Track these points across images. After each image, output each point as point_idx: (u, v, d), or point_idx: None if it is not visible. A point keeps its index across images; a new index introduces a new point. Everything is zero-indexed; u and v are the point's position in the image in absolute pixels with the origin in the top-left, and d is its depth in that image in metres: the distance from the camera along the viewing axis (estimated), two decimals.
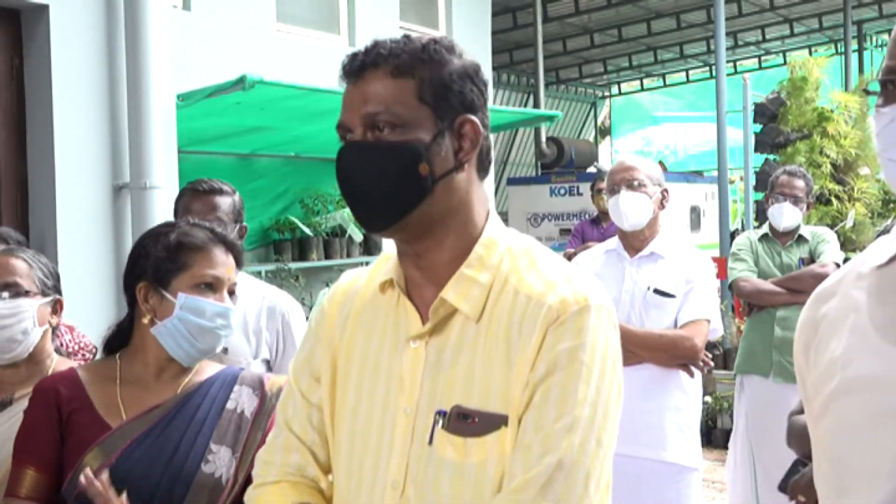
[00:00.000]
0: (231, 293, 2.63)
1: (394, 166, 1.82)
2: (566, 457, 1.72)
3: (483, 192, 1.96)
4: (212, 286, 2.59)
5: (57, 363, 3.00)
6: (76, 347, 3.75)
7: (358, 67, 1.86)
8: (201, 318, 2.56)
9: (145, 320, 2.61)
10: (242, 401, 2.58)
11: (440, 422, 1.82)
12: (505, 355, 1.81)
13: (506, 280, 1.88)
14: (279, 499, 1.97)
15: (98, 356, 2.91)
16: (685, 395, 4.32)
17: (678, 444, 4.28)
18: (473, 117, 1.88)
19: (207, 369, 2.66)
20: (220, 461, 2.48)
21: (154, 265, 2.60)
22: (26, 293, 2.90)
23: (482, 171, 1.95)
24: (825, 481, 1.69)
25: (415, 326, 1.90)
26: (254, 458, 2.36)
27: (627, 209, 4.36)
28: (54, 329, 3.07)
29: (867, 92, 1.72)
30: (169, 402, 2.55)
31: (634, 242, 4.45)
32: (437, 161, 1.84)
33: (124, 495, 2.35)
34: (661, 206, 4.42)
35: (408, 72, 1.83)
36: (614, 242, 4.56)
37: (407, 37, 1.89)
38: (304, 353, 2.09)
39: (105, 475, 2.37)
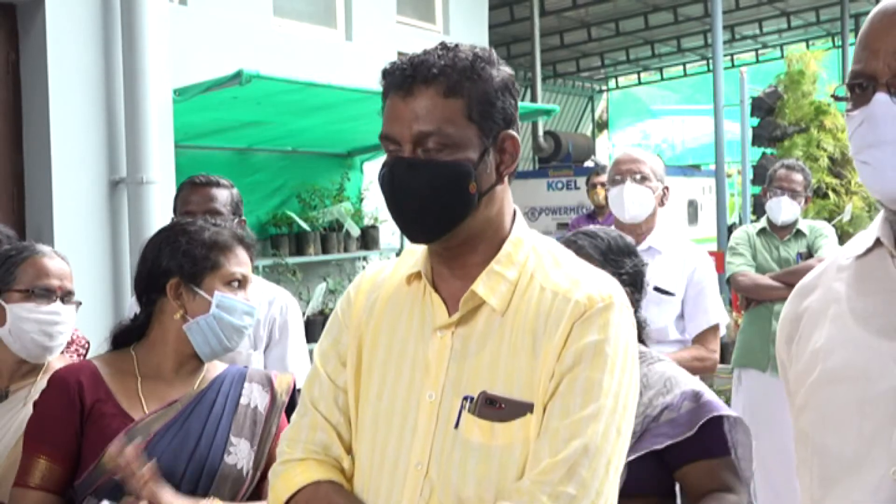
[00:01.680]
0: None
1: (445, 185, 1.88)
2: (591, 442, 1.80)
3: (510, 195, 2.04)
4: (241, 284, 2.66)
5: (54, 359, 3.01)
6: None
7: (408, 82, 1.89)
8: (233, 316, 2.62)
9: (177, 316, 2.62)
10: (255, 397, 2.64)
11: (467, 406, 1.90)
12: (531, 346, 1.89)
13: (532, 276, 1.96)
14: (305, 475, 2.01)
15: (97, 350, 2.90)
16: None
17: None
18: (514, 133, 1.97)
19: (216, 366, 2.71)
20: (241, 453, 2.54)
21: (189, 262, 2.61)
22: (75, 302, 2.97)
23: (511, 177, 2.03)
24: (809, 471, 1.71)
25: (441, 317, 1.97)
26: (269, 452, 2.53)
27: (630, 201, 4.36)
28: None
29: (836, 97, 1.74)
30: (187, 397, 2.59)
31: (632, 236, 4.42)
32: (483, 178, 1.92)
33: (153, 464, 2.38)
34: (662, 202, 4.42)
35: (458, 91, 1.88)
36: None
37: (452, 50, 1.92)
38: (330, 339, 2.14)
39: (130, 449, 2.38)
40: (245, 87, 6.25)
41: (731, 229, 12.07)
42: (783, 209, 6.00)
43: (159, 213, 5.49)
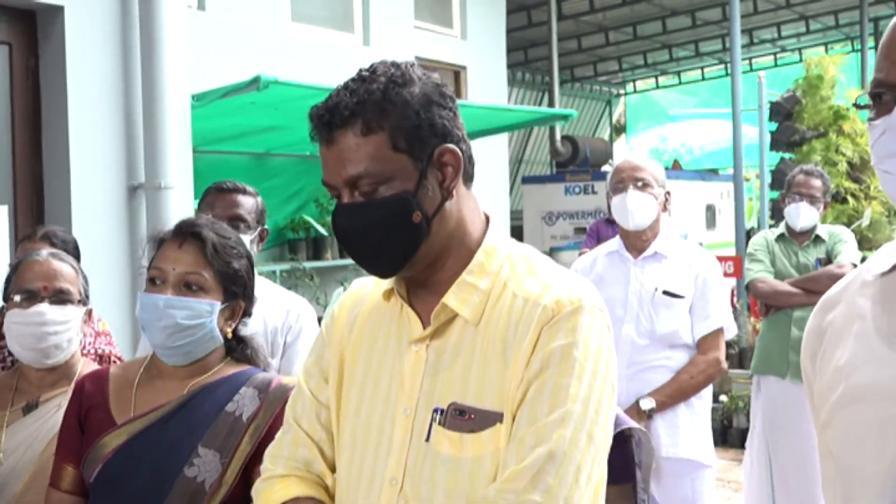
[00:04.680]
0: (192, 284, 2.54)
1: (388, 222, 1.86)
2: (557, 448, 1.76)
3: (474, 201, 2.00)
4: (158, 280, 2.53)
5: (83, 366, 3.04)
6: (90, 350, 3.77)
7: (325, 129, 1.86)
8: (144, 312, 2.53)
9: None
10: (244, 403, 2.53)
11: (437, 418, 1.88)
12: (501, 355, 1.86)
13: (504, 285, 1.93)
14: (285, 491, 2.01)
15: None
16: (697, 395, 4.37)
17: (692, 441, 4.32)
18: (450, 145, 1.90)
19: (226, 370, 2.64)
20: (204, 465, 2.45)
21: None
22: (75, 301, 2.95)
23: (468, 181, 1.98)
24: (832, 489, 1.69)
25: (416, 331, 1.96)
26: (243, 465, 2.43)
27: (634, 208, 4.35)
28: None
29: (857, 106, 1.72)
30: (171, 403, 2.54)
31: (637, 243, 4.44)
32: (427, 202, 1.88)
33: None
34: (664, 208, 4.41)
35: (376, 126, 1.84)
36: (615, 244, 4.55)
37: (364, 82, 1.87)
38: (314, 355, 2.14)
39: None
40: (262, 92, 6.27)
41: (749, 234, 12.03)
42: (802, 215, 5.97)
43: (177, 218, 5.46)
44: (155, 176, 5.60)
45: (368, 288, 2.14)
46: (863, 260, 6.29)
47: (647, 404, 4.20)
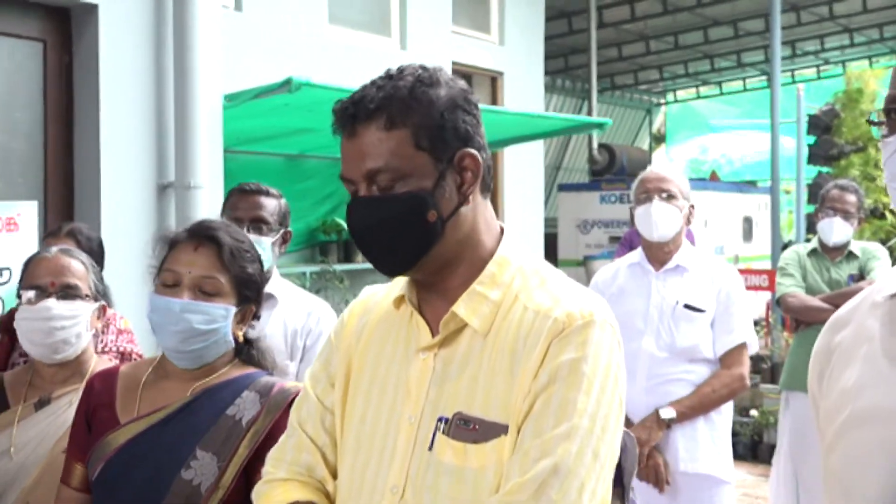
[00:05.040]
0: (208, 288, 2.52)
1: (402, 218, 1.86)
2: (562, 462, 1.74)
3: (490, 212, 2.00)
4: (172, 282, 2.51)
5: (97, 363, 3.04)
6: (112, 348, 3.78)
7: (349, 122, 1.88)
8: (156, 314, 2.51)
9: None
10: (244, 407, 2.52)
11: (441, 427, 1.87)
12: (509, 367, 1.85)
13: (515, 297, 1.92)
14: (286, 495, 2.00)
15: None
16: (717, 409, 4.32)
17: (711, 457, 4.27)
18: (471, 150, 1.91)
19: (232, 373, 2.62)
20: (201, 468, 2.44)
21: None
22: (84, 296, 2.94)
23: (486, 191, 1.99)
24: None
25: (425, 339, 1.95)
26: (240, 469, 2.41)
27: (659, 219, 4.30)
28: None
29: (871, 122, 1.69)
30: (173, 404, 2.53)
31: (659, 255, 4.39)
32: (443, 203, 1.89)
33: None
34: (688, 221, 4.37)
35: (400, 122, 1.85)
36: (637, 255, 4.51)
37: (392, 79, 1.89)
38: (321, 360, 2.14)
39: None
40: (295, 94, 6.26)
41: (786, 247, 11.93)
42: (835, 230, 5.91)
43: (206, 217, 5.50)
44: (185, 175, 5.63)
45: (379, 296, 2.13)
46: None
47: (668, 414, 4.16)
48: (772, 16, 11.68)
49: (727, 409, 4.38)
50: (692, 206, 4.39)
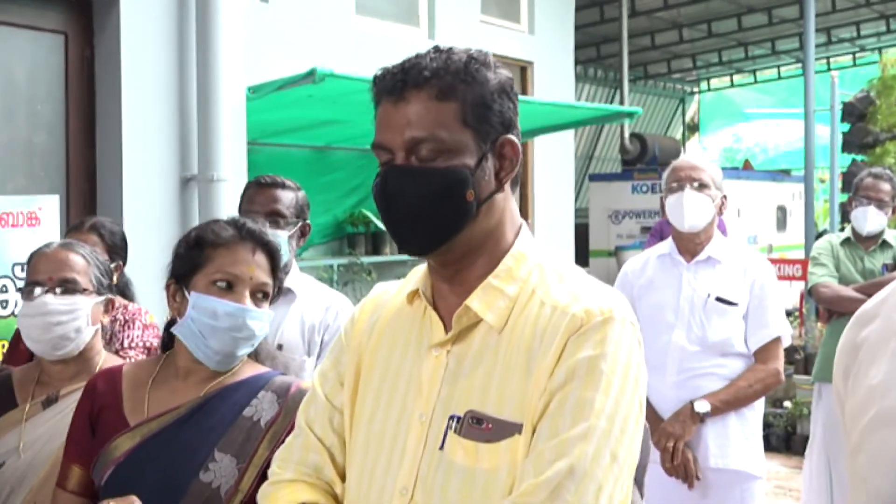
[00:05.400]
0: (261, 294, 2.52)
1: (441, 193, 1.80)
2: (578, 464, 1.68)
3: (515, 207, 1.95)
4: (230, 284, 2.48)
5: (105, 360, 2.99)
6: (138, 344, 3.76)
7: (399, 87, 1.81)
8: (212, 318, 2.45)
9: (168, 318, 2.58)
10: (262, 408, 2.48)
11: (453, 426, 1.81)
12: (525, 364, 1.79)
13: (532, 292, 1.86)
14: (292, 497, 1.96)
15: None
16: (751, 404, 4.23)
17: (742, 452, 4.19)
18: (513, 137, 1.88)
19: (244, 372, 2.57)
20: (220, 471, 2.39)
21: (178, 262, 2.54)
22: (82, 290, 2.88)
23: (514, 186, 1.94)
24: None
25: (438, 335, 1.90)
26: (260, 471, 2.36)
27: (690, 209, 4.21)
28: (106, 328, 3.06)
29: None
30: (188, 405, 2.48)
31: (689, 246, 4.30)
32: (482, 185, 1.83)
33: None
34: (720, 211, 4.27)
35: (451, 94, 1.80)
36: (667, 246, 4.41)
37: (445, 53, 1.84)
38: (331, 359, 2.09)
39: None
40: (319, 85, 6.22)
41: (820, 236, 11.82)
42: (869, 219, 5.83)
43: (230, 211, 5.46)
44: (208, 168, 5.62)
45: (391, 293, 2.08)
46: None
47: (702, 407, 4.08)
48: (805, 2, 11.53)
49: (758, 403, 4.29)
50: (724, 197, 4.30)
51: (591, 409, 1.71)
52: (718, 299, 4.17)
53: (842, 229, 8.73)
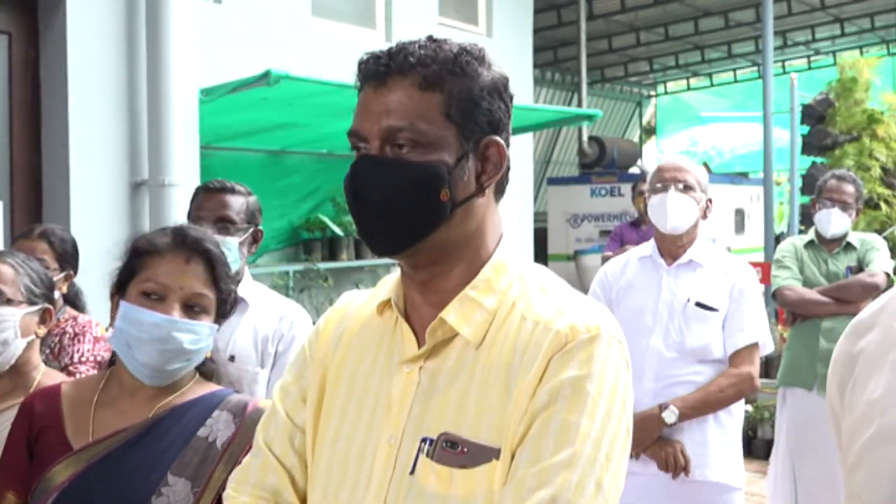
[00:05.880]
0: (198, 307, 2.38)
1: (413, 188, 1.68)
2: (561, 494, 1.56)
3: (498, 217, 1.83)
4: (158, 295, 2.34)
5: (44, 376, 2.84)
6: (89, 358, 3.63)
7: (382, 73, 1.70)
8: (137, 329, 2.31)
9: (106, 331, 2.44)
10: (217, 428, 2.35)
11: (425, 449, 1.68)
12: (503, 382, 1.67)
13: (513, 305, 1.74)
14: None
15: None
16: (728, 412, 4.13)
17: (722, 463, 4.09)
18: (499, 139, 1.76)
19: (196, 391, 2.44)
20: (174, 495, 2.26)
21: (118, 271, 2.42)
22: (8, 301, 2.74)
23: (499, 194, 1.82)
24: None
25: (410, 349, 1.77)
26: (217, 494, 2.23)
27: (673, 210, 4.13)
28: (43, 340, 2.91)
29: None
30: (136, 426, 2.34)
31: (671, 248, 4.22)
32: (459, 186, 1.71)
33: None
34: (705, 215, 4.19)
35: (436, 85, 1.69)
36: (649, 248, 4.32)
37: (436, 42, 1.73)
38: (293, 373, 1.95)
39: None
40: (274, 87, 6.11)
41: (778, 239, 11.83)
42: (833, 222, 5.80)
43: (182, 217, 5.35)
44: (159, 173, 5.51)
45: (358, 302, 1.95)
46: (895, 268, 6.09)
47: (671, 418, 3.97)
48: (764, 5, 11.54)
49: (738, 411, 4.20)
50: (710, 200, 4.22)
51: (576, 433, 1.60)
52: (698, 304, 4.09)
53: (802, 232, 8.72)
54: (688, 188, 4.15)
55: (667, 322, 4.12)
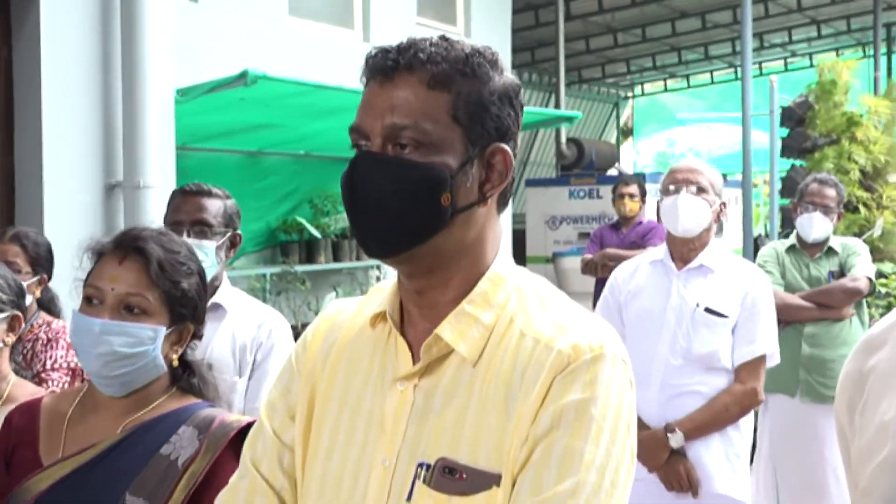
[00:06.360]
0: (137, 308, 2.26)
1: (413, 190, 1.61)
2: None
3: (499, 229, 1.76)
4: (93, 299, 2.24)
5: (13, 386, 2.76)
6: (62, 365, 3.56)
7: (390, 68, 1.62)
8: (76, 335, 2.25)
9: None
10: (181, 445, 2.25)
11: (422, 475, 1.60)
12: (503, 404, 1.60)
13: (511, 321, 1.66)
14: None
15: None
16: (735, 426, 4.06)
17: (727, 476, 4.01)
18: (506, 147, 1.68)
19: (168, 405, 2.35)
20: None
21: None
22: None
23: (502, 206, 1.74)
24: None
25: (404, 366, 1.69)
26: None
27: (685, 212, 4.05)
28: (13, 348, 2.83)
29: None
30: (104, 442, 2.26)
31: (682, 252, 4.15)
32: (461, 191, 1.64)
33: None
34: (718, 218, 4.13)
35: (445, 84, 1.62)
36: (661, 252, 4.25)
37: (448, 41, 1.66)
38: (280, 387, 1.86)
39: None
40: (251, 88, 6.05)
41: (756, 241, 11.79)
42: (815, 226, 5.76)
43: (157, 219, 5.27)
44: (134, 174, 5.45)
45: (349, 312, 1.86)
46: (877, 273, 6.06)
47: (676, 442, 3.92)
48: (742, 6, 11.51)
49: (746, 424, 4.12)
50: (724, 203, 4.14)
51: (581, 460, 1.53)
52: (707, 310, 4.01)
53: (784, 235, 8.68)
54: (701, 190, 4.08)
55: (674, 327, 4.05)
